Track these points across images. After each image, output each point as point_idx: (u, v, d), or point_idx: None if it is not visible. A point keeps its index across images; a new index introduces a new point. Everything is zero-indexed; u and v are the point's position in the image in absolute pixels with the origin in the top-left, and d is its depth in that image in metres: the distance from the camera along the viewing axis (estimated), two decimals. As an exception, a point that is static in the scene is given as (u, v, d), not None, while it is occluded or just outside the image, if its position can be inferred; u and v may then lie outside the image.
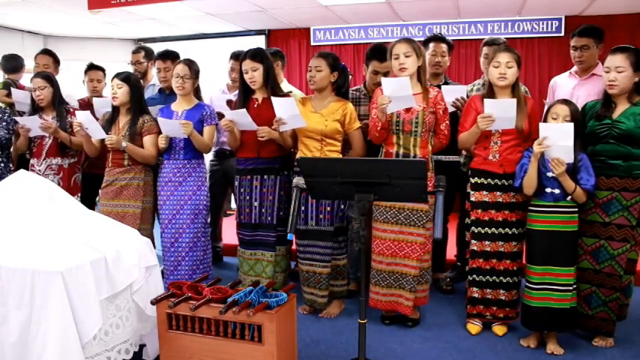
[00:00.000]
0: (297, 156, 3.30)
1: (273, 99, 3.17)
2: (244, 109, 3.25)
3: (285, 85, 4.16)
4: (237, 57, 3.93)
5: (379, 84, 3.09)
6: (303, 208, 3.28)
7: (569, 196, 2.74)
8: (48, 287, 2.12)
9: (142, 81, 4.46)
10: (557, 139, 2.64)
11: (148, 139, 3.48)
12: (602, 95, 2.91)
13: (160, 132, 3.45)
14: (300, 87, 5.66)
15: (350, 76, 3.66)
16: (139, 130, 3.47)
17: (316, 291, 3.33)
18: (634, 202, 2.78)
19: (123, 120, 3.52)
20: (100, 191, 3.62)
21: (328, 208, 3.25)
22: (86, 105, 4.30)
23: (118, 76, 3.48)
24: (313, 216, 3.28)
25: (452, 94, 3.45)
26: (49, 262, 2.17)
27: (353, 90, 3.73)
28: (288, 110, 3.13)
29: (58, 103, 3.75)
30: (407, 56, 2.98)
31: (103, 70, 4.53)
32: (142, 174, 3.51)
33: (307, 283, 3.35)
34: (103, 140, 3.45)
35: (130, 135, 3.44)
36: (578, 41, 3.56)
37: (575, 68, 3.69)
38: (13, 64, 4.82)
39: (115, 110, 3.55)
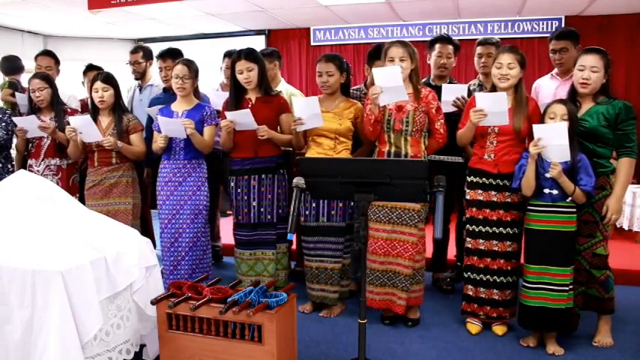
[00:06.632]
0: (307, 154, 3.32)
1: (295, 99, 3.23)
2: (248, 110, 3.24)
3: (283, 85, 4.15)
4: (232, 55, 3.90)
5: None
6: (314, 204, 3.29)
7: (569, 197, 2.75)
8: (48, 287, 2.12)
9: (140, 81, 4.49)
10: (552, 139, 2.65)
11: (135, 137, 3.55)
12: (567, 95, 2.95)
13: (143, 129, 3.57)
14: (300, 87, 5.66)
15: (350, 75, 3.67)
16: (125, 129, 3.51)
17: (328, 287, 3.33)
18: (598, 198, 2.84)
19: (105, 120, 3.52)
20: (85, 192, 3.57)
21: (340, 205, 3.27)
22: (87, 105, 4.30)
23: (99, 77, 3.46)
24: (325, 212, 3.29)
25: (452, 93, 3.46)
26: (49, 262, 2.17)
27: (353, 89, 3.75)
28: (309, 110, 3.15)
29: (56, 103, 3.75)
30: (402, 60, 3.01)
31: (101, 70, 4.53)
32: (129, 171, 3.58)
33: (317, 279, 3.34)
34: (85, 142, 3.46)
35: (118, 134, 3.47)
36: (557, 44, 3.58)
37: (555, 70, 3.73)
38: (13, 65, 4.82)
39: (95, 111, 3.54)
